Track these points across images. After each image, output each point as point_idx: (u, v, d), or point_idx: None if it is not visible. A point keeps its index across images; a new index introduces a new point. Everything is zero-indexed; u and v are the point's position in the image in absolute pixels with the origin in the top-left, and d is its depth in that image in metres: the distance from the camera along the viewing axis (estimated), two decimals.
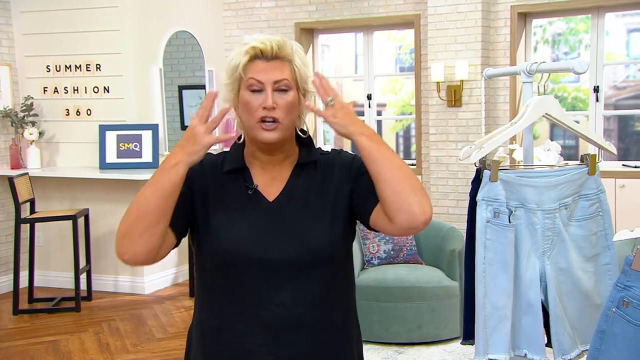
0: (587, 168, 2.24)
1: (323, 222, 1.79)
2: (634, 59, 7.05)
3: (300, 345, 1.79)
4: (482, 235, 2.13)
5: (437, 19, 6.59)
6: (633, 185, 6.19)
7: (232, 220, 1.78)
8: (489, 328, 2.14)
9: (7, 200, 6.44)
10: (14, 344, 5.21)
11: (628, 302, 1.77)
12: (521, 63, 2.37)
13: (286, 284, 1.76)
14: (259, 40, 1.74)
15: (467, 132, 6.54)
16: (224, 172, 1.82)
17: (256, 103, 1.72)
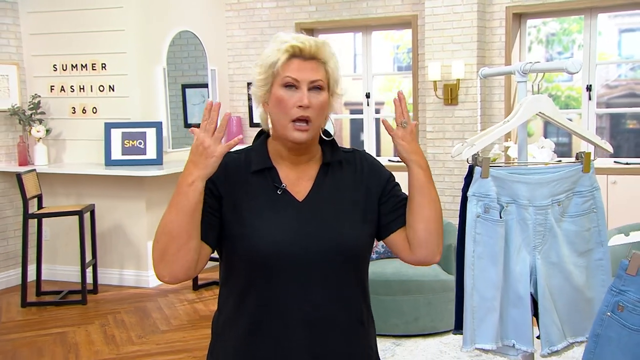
0: (582, 165, 2.24)
1: (353, 222, 1.79)
2: (625, 59, 7.05)
3: (332, 342, 1.78)
4: (472, 230, 2.14)
5: (434, 19, 6.60)
6: (624, 182, 6.21)
7: (263, 221, 1.75)
8: (477, 319, 2.15)
9: (15, 195, 6.46)
10: (23, 335, 5.23)
11: (623, 307, 1.76)
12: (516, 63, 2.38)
13: (318, 283, 1.76)
14: (298, 39, 1.73)
15: (463, 130, 6.55)
16: (251, 172, 1.79)
17: (291, 101, 1.71)
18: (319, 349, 1.77)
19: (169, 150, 6.72)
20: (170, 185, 6.38)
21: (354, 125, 8.25)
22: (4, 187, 6.55)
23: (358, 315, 1.83)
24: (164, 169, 6.16)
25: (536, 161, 5.31)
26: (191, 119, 7.24)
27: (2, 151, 6.55)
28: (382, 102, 8.16)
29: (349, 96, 8.52)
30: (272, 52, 1.73)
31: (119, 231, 6.48)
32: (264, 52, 1.77)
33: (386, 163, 7.31)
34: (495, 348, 2.17)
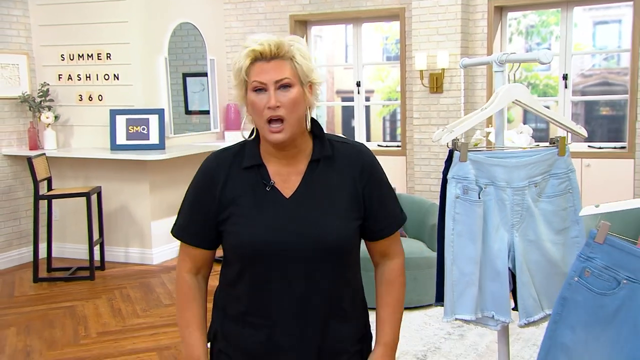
0: (557, 149, 2.24)
1: (339, 218, 1.75)
2: (599, 49, 7.07)
3: (315, 329, 1.77)
4: (452, 210, 2.16)
5: (421, 12, 6.59)
6: (598, 165, 6.26)
7: (251, 218, 1.74)
8: (456, 292, 2.17)
9: (26, 178, 6.46)
10: (35, 308, 5.25)
11: (590, 272, 1.78)
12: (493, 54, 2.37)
13: (302, 277, 1.73)
14: (257, 42, 1.67)
15: (448, 117, 6.57)
16: (243, 168, 1.77)
17: (261, 104, 1.67)
18: (303, 335, 1.76)
19: (171, 135, 6.72)
20: (172, 169, 6.40)
21: (346, 112, 8.26)
22: (15, 170, 6.54)
23: (342, 305, 1.80)
24: (166, 153, 6.16)
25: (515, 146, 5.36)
26: (191, 106, 7.23)
27: (13, 136, 6.54)
28: (372, 90, 8.17)
29: (341, 84, 8.54)
30: (238, 59, 1.70)
31: (124, 212, 6.49)
32: (234, 59, 1.74)
33: (375, 148, 7.34)
34: (475, 319, 2.19)
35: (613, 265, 1.76)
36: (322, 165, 1.77)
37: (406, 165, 7.08)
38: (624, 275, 1.74)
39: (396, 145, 7.34)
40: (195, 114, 7.31)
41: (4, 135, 6.46)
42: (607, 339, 1.77)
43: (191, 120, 7.29)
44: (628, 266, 1.74)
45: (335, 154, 1.79)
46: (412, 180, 6.96)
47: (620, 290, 1.75)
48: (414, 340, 4.37)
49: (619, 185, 6.14)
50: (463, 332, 4.45)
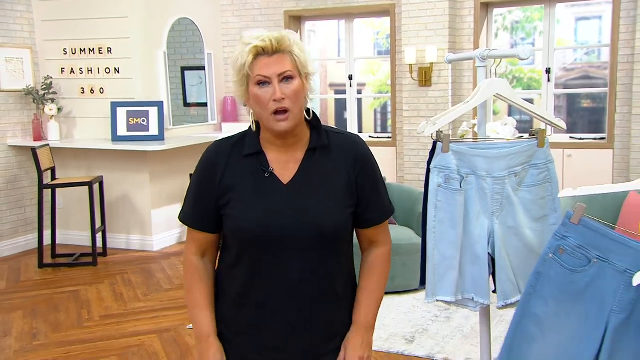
0: (537, 141, 2.25)
1: (333, 204, 1.77)
2: (581, 44, 7.11)
3: (309, 312, 1.79)
4: (434, 197, 2.19)
5: (410, 8, 6.61)
6: (579, 155, 6.31)
7: (250, 203, 1.75)
8: (438, 275, 2.20)
9: (31, 168, 6.48)
10: (40, 293, 5.28)
11: (564, 250, 1.82)
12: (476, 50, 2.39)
13: (297, 260, 1.75)
14: (259, 38, 1.69)
15: (436, 109, 6.58)
16: (243, 155, 1.79)
17: (266, 97, 1.69)
18: (297, 318, 1.78)
19: (170, 127, 6.74)
20: (171, 159, 6.43)
21: (338, 104, 8.28)
22: (20, 160, 6.56)
23: (335, 289, 1.82)
24: (165, 145, 6.18)
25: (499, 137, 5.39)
26: (190, 98, 7.24)
27: (18, 128, 6.55)
28: (364, 83, 8.18)
29: (334, 78, 8.55)
30: (240, 55, 1.71)
31: (125, 200, 6.52)
32: (234, 54, 1.75)
33: (366, 139, 7.37)
34: (455, 300, 2.22)
35: (585, 244, 1.80)
36: (318, 154, 1.80)
37: (396, 156, 7.12)
38: (594, 255, 1.79)
39: (387, 137, 7.37)
40: (194, 106, 7.32)
41: (9, 126, 6.47)
42: (576, 312, 1.82)
43: (189, 112, 7.31)
44: (599, 246, 1.78)
45: (331, 143, 1.82)
46: (402, 170, 7.00)
47: (591, 268, 1.79)
48: (403, 322, 4.42)
49: (599, 175, 6.19)
50: (449, 315, 4.50)
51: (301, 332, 1.79)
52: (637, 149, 5.91)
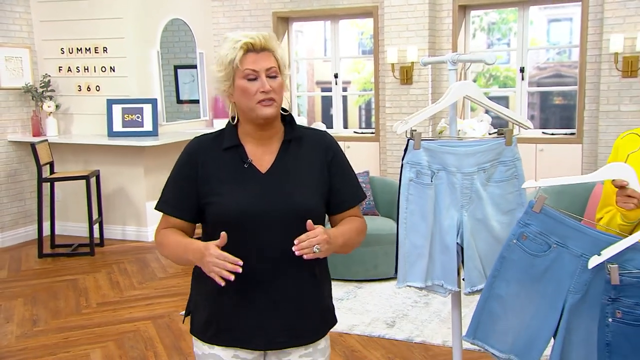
0: (505, 139, 2.27)
1: (308, 191, 1.82)
2: (553, 45, 7.18)
3: (288, 290, 1.82)
4: (406, 191, 2.23)
5: (392, 10, 6.63)
6: (550, 149, 6.37)
7: (231, 190, 1.79)
8: (408, 262, 2.25)
9: (30, 162, 6.48)
10: (41, 281, 5.30)
11: (526, 236, 1.87)
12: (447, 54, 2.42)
13: (277, 242, 1.78)
14: (248, 37, 1.75)
15: (417, 106, 6.57)
16: (223, 149, 1.83)
17: (254, 89, 1.75)
18: (276, 297, 1.81)
19: (164, 123, 6.75)
20: (165, 154, 6.44)
21: (325, 101, 8.32)
22: (20, 155, 6.56)
23: (311, 269, 1.85)
24: (159, 140, 6.19)
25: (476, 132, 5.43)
26: (182, 95, 7.25)
27: (18, 124, 6.55)
28: (349, 81, 8.21)
29: (320, 76, 8.58)
30: (229, 51, 1.76)
31: (121, 193, 6.54)
32: (219, 53, 1.80)
33: (351, 134, 7.41)
34: (424, 286, 2.26)
35: (546, 231, 1.85)
36: (292, 145, 1.86)
37: (379, 150, 7.17)
38: (554, 240, 1.84)
39: (370, 132, 7.41)
40: (186, 103, 7.32)
41: (9, 122, 6.47)
42: (536, 293, 1.88)
43: (182, 109, 7.31)
44: (558, 232, 1.83)
45: (303, 136, 1.89)
46: (385, 164, 7.04)
47: (550, 253, 1.85)
48: (384, 308, 4.48)
49: (569, 168, 6.25)
50: (428, 301, 4.56)
51: (283, 311, 1.83)
52: (604, 144, 5.98)
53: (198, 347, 1.91)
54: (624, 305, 1.71)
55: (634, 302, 1.70)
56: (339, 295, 4.75)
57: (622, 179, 1.74)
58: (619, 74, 5.86)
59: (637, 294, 1.70)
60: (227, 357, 1.86)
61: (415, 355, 3.75)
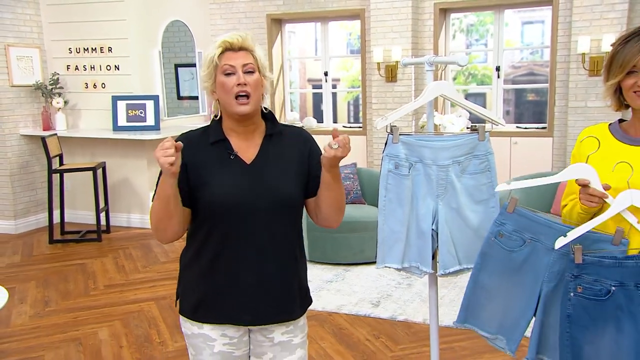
0: (478, 135, 2.28)
1: (289, 180, 1.84)
2: (526, 45, 7.21)
3: (272, 272, 1.85)
4: (385, 181, 2.27)
5: (378, 12, 6.65)
6: (523, 142, 6.41)
7: (219, 180, 1.81)
8: (387, 246, 2.29)
9: (41, 155, 6.48)
10: (51, 265, 5.32)
11: (502, 234, 1.93)
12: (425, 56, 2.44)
13: (262, 226, 1.81)
14: (227, 36, 1.80)
15: (401, 102, 6.64)
16: (210, 143, 1.85)
17: (231, 83, 1.77)
18: (262, 277, 1.84)
19: (165, 118, 6.76)
20: None
21: (315, 98, 8.33)
22: (31, 147, 6.56)
23: (292, 252, 1.90)
24: (161, 133, 6.19)
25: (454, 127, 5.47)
26: (183, 92, 7.24)
27: (29, 119, 6.55)
28: (338, 78, 8.22)
29: (311, 74, 8.58)
30: (210, 51, 1.81)
31: (126, 183, 6.55)
32: (204, 54, 1.84)
33: (341, 128, 7.44)
34: (401, 267, 2.30)
35: (520, 228, 1.91)
36: (274, 139, 1.89)
37: (366, 144, 7.20)
38: (528, 236, 1.90)
39: (358, 127, 7.45)
40: (186, 99, 7.32)
41: (21, 117, 6.47)
42: (515, 283, 1.94)
43: (182, 104, 7.30)
44: (531, 229, 1.90)
45: (283, 131, 1.92)
46: (372, 156, 7.08)
47: (525, 248, 1.90)
48: (370, 289, 4.53)
49: (541, 160, 6.31)
50: (411, 282, 4.61)
51: (268, 290, 1.85)
52: (572, 137, 6.04)
53: (187, 328, 1.93)
54: (585, 281, 1.76)
55: (594, 279, 1.75)
56: (328, 278, 4.79)
57: (584, 178, 1.78)
58: (586, 72, 5.91)
59: (596, 271, 1.75)
60: (216, 335, 1.89)
61: (398, 332, 3.81)
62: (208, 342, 1.89)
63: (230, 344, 1.90)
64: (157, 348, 3.69)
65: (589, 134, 1.96)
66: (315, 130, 7.36)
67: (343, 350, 3.59)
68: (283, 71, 7.78)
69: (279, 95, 7.73)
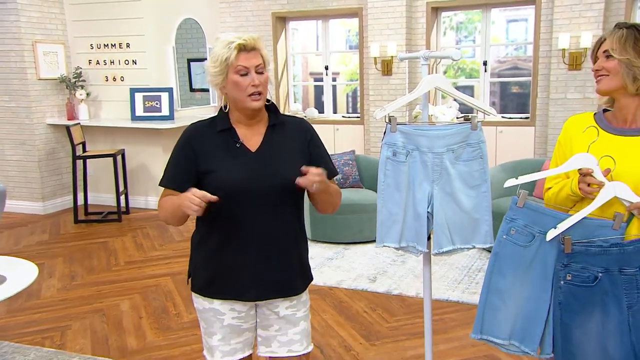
0: (470, 125, 2.24)
1: (291, 167, 1.81)
2: (511, 42, 7.16)
3: (275, 251, 1.84)
4: (383, 167, 2.23)
5: (374, 11, 6.60)
6: (508, 131, 6.39)
7: (228, 166, 1.79)
8: (385, 227, 2.26)
9: (66, 142, 6.46)
10: (76, 243, 5.32)
11: (515, 230, 1.82)
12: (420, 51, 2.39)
13: (266, 209, 1.80)
14: (241, 38, 1.76)
15: (396, 94, 6.62)
16: (217, 131, 1.83)
17: (245, 83, 1.76)
18: (266, 256, 1.83)
19: (179, 108, 6.72)
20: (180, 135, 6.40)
21: (317, 90, 8.29)
22: (57, 136, 6.53)
23: (294, 232, 1.89)
24: (175, 123, 6.16)
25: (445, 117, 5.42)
26: (195, 85, 7.20)
27: (55, 109, 6.51)
28: (338, 72, 8.17)
29: (313, 68, 8.52)
30: (224, 50, 1.76)
31: (143, 168, 6.53)
32: (214, 51, 1.79)
33: (340, 118, 7.40)
34: (399, 247, 2.27)
35: (530, 222, 1.80)
36: (277, 129, 1.87)
37: (364, 132, 7.17)
38: (537, 230, 1.79)
39: (356, 117, 7.40)
40: (198, 91, 7.28)
41: (47, 108, 6.42)
42: (527, 279, 1.82)
43: (194, 96, 7.27)
44: (540, 222, 1.79)
45: (285, 122, 1.90)
46: (369, 144, 7.06)
47: (535, 242, 1.80)
48: (368, 266, 4.52)
49: (524, 147, 6.29)
50: (404, 260, 4.60)
51: (274, 267, 1.85)
52: (552, 126, 6.01)
53: (199, 304, 1.92)
54: (573, 269, 1.71)
55: (581, 267, 1.71)
56: (329, 255, 4.78)
57: (587, 167, 1.72)
58: (566, 67, 5.86)
59: (584, 259, 1.71)
60: (225, 310, 1.88)
61: (393, 305, 3.81)
62: (218, 316, 1.89)
63: (239, 318, 1.90)
64: (173, 319, 3.68)
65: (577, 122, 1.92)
66: (317, 119, 7.32)
67: (343, 321, 3.59)
68: (287, 65, 7.72)
69: (283, 87, 7.68)
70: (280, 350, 1.93)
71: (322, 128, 7.09)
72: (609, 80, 1.79)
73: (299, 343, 1.94)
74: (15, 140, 6.37)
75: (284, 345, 1.93)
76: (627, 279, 1.70)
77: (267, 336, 1.94)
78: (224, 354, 1.91)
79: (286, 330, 1.92)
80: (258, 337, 1.97)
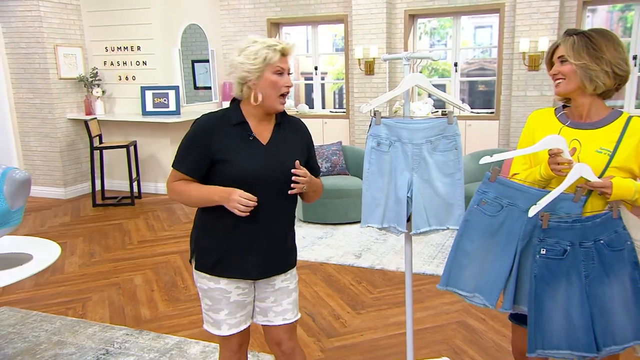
0: (446, 119, 2.23)
1: (294, 158, 1.81)
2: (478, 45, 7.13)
3: (278, 235, 1.85)
4: (368, 156, 2.20)
5: (358, 17, 6.52)
6: (476, 125, 6.38)
7: (243, 156, 1.76)
8: (369, 210, 2.23)
9: (84, 135, 6.37)
10: (94, 225, 5.28)
11: (485, 202, 1.82)
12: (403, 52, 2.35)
13: (274, 196, 1.79)
14: (283, 43, 1.75)
15: (378, 92, 6.58)
16: (232, 124, 1.79)
17: (281, 83, 1.75)
18: (270, 239, 1.83)
19: (184, 105, 6.63)
20: (186, 128, 6.31)
21: (307, 88, 8.22)
22: (76, 129, 6.42)
23: (292, 217, 1.90)
24: (181, 117, 6.09)
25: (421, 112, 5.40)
26: (198, 83, 7.10)
27: (74, 105, 6.39)
28: (326, 72, 8.11)
29: (303, 68, 8.46)
30: (266, 51, 1.73)
31: (153, 158, 6.46)
32: (252, 50, 1.73)
33: (328, 113, 7.35)
34: (381, 227, 2.24)
35: (500, 195, 1.80)
36: (283, 126, 1.87)
37: (349, 126, 7.13)
38: (506, 202, 1.79)
39: (342, 112, 7.36)
40: (201, 89, 7.20)
41: (67, 104, 6.31)
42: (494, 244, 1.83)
43: (198, 93, 7.19)
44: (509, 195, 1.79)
45: (289, 120, 1.90)
46: (354, 136, 7.02)
47: (502, 212, 1.80)
48: (353, 243, 4.51)
49: (489, 139, 6.29)
50: (386, 238, 4.59)
51: (275, 251, 1.85)
52: (514, 120, 6.01)
53: (203, 283, 1.86)
54: (548, 244, 1.70)
55: (555, 241, 1.69)
56: (319, 235, 4.77)
57: (557, 147, 1.70)
58: (526, 68, 5.85)
59: (557, 234, 1.69)
60: (231, 288, 1.85)
61: (376, 278, 3.80)
62: (225, 294, 1.86)
63: (243, 294, 1.89)
64: (181, 291, 3.65)
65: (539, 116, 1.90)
66: (308, 114, 7.26)
67: (332, 293, 3.57)
68: None
69: None
70: (276, 319, 1.93)
71: (312, 122, 7.05)
72: (566, 84, 1.77)
73: (291, 312, 1.95)
74: (40, 133, 6.27)
75: (279, 315, 1.93)
76: (585, 251, 1.70)
77: (264, 307, 1.93)
78: (230, 326, 1.89)
79: (281, 300, 1.92)
80: (256, 308, 1.95)
